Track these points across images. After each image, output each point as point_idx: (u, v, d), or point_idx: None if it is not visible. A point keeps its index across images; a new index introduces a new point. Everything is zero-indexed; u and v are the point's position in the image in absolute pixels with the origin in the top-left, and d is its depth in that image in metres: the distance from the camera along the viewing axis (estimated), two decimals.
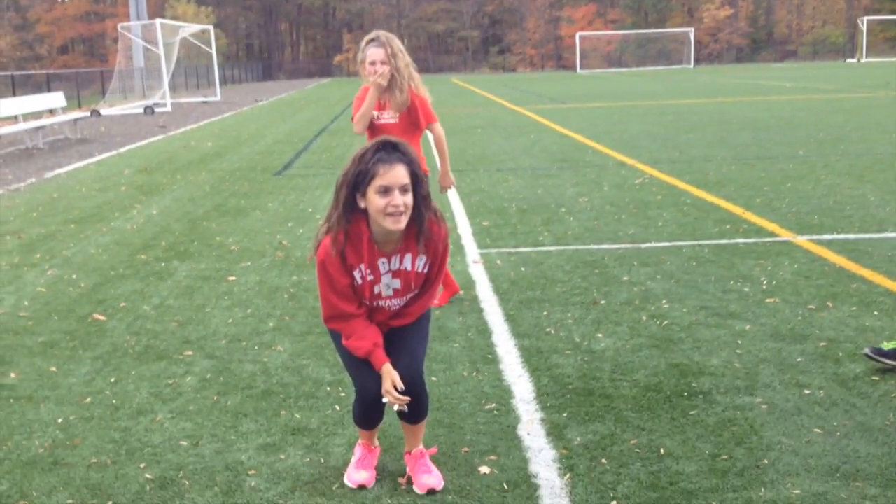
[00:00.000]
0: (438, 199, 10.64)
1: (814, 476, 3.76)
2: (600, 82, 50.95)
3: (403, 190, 3.37)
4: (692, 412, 4.45)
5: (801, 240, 8.16)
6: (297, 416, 4.57)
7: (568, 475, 3.84)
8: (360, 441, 3.96)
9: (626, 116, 23.58)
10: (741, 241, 8.21)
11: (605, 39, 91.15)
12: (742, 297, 6.39)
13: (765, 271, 7.08)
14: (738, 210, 9.66)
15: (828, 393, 4.64)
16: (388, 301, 3.64)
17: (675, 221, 9.18)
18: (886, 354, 4.84)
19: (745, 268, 7.20)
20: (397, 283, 3.59)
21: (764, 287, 6.63)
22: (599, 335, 5.69)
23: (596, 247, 8.18)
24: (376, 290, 3.59)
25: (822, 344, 5.38)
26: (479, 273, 7.38)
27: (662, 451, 4.03)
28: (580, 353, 5.37)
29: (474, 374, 5.08)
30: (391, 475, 3.90)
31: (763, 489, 3.66)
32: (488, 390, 4.83)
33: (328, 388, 4.92)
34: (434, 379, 4.94)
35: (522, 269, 7.45)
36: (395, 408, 3.62)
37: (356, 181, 3.40)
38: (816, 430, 4.20)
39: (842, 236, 8.24)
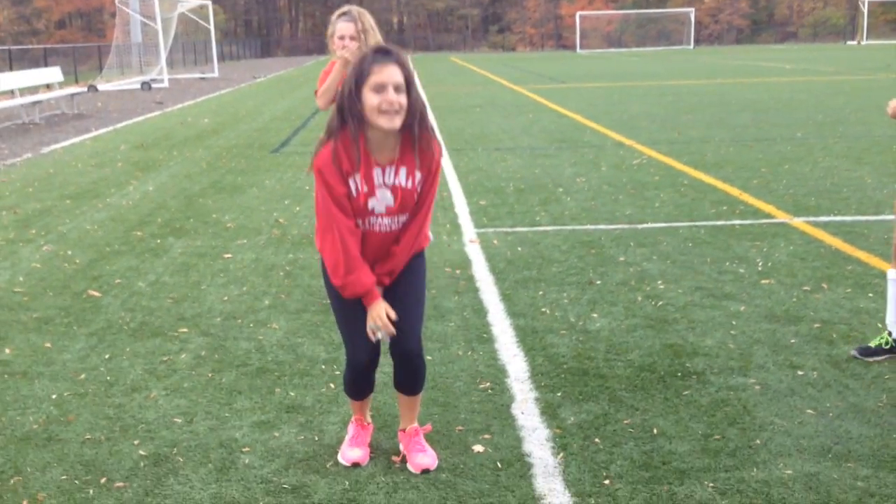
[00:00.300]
0: None
1: (806, 457, 3.77)
2: (600, 62, 50.80)
3: (397, 89, 3.39)
4: (686, 392, 4.46)
5: (798, 221, 8.16)
6: (292, 393, 4.58)
7: (561, 454, 3.85)
8: (353, 418, 3.97)
9: (626, 97, 23.53)
10: (737, 222, 8.21)
11: (605, 19, 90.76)
12: (737, 279, 6.39)
13: (760, 253, 7.08)
14: (735, 191, 9.66)
15: (821, 374, 4.65)
16: (380, 220, 3.56)
17: (672, 202, 9.18)
18: (875, 352, 4.82)
19: (740, 249, 7.21)
20: (391, 199, 3.54)
21: (759, 268, 6.64)
22: (595, 315, 5.69)
23: (593, 227, 8.17)
24: (370, 204, 3.53)
25: (817, 325, 5.39)
26: (475, 252, 7.38)
27: (655, 430, 4.05)
28: (575, 332, 5.38)
29: (469, 353, 5.09)
30: (385, 453, 3.92)
31: (755, 469, 3.68)
32: (483, 369, 4.84)
33: (323, 367, 4.93)
34: (429, 358, 4.94)
35: (519, 248, 7.45)
36: (379, 336, 3.56)
37: (354, 85, 3.44)
38: (809, 410, 4.22)
39: (838, 218, 8.24)
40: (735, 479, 3.61)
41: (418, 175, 3.56)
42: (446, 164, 12.24)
